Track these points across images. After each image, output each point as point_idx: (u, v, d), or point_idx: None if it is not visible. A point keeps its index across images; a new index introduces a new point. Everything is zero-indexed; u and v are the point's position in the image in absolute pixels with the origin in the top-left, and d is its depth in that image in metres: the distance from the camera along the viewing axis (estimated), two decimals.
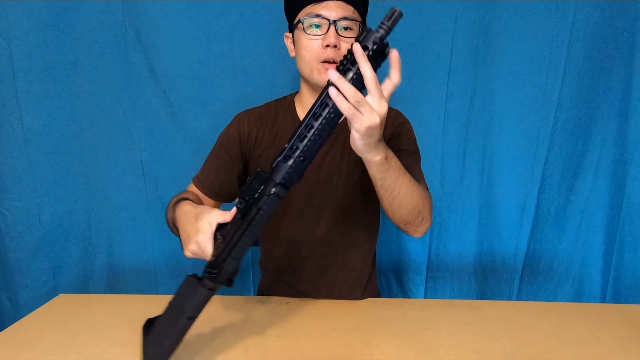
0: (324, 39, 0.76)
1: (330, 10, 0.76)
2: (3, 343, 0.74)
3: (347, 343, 0.71)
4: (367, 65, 0.52)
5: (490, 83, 1.17)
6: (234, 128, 0.90)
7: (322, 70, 0.78)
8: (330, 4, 0.76)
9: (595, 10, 1.08)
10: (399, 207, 0.71)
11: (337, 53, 0.76)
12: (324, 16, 0.76)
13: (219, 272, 0.62)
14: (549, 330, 0.74)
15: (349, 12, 0.77)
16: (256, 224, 0.58)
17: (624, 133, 1.16)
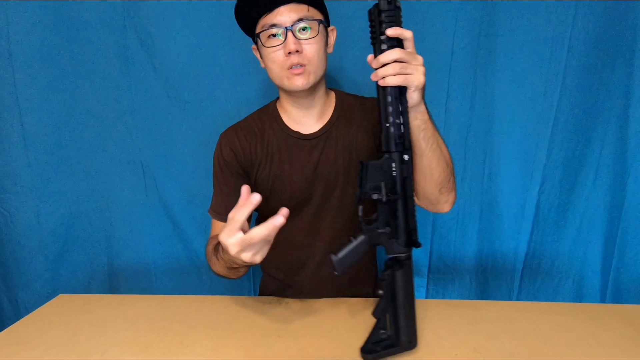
0: (284, 47, 0.75)
1: (283, 15, 0.75)
2: (3, 343, 0.74)
3: (347, 343, 0.71)
4: (406, 31, 0.59)
5: (490, 83, 1.17)
6: (226, 148, 0.88)
7: (290, 76, 0.78)
8: (281, 9, 0.75)
9: (596, 9, 1.08)
10: (437, 163, 0.72)
11: (301, 56, 0.76)
12: (278, 24, 0.75)
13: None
14: (549, 330, 0.74)
15: (303, 11, 0.76)
16: (410, 191, 0.63)
17: (625, 133, 1.15)
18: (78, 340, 0.74)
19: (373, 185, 0.60)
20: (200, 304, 0.87)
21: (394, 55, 0.58)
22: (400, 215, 0.63)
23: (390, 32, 0.58)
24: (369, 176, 0.60)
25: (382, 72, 0.59)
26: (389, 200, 0.61)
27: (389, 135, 0.61)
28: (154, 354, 0.70)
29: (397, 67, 0.58)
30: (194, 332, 0.76)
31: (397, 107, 0.60)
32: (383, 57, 0.59)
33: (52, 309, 0.87)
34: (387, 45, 0.59)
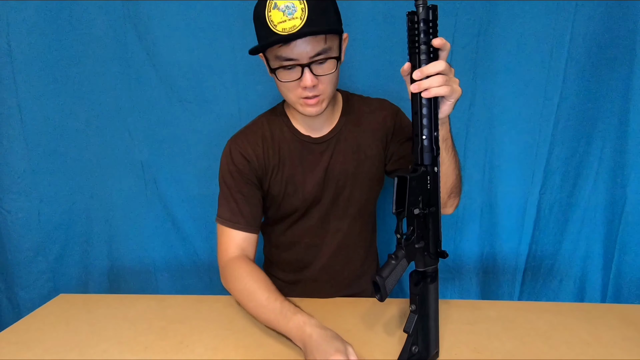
0: (301, 82, 0.72)
1: (300, 50, 0.69)
2: (3, 343, 0.74)
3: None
4: (448, 43, 0.59)
5: (490, 83, 1.17)
6: (237, 155, 0.84)
7: (304, 104, 0.75)
8: (298, 42, 0.68)
9: (596, 9, 1.08)
10: (452, 171, 0.72)
11: (317, 89, 0.73)
12: (295, 59, 0.70)
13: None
14: (549, 330, 0.74)
15: (321, 44, 0.70)
16: (439, 202, 0.64)
17: (625, 133, 1.15)
18: (78, 340, 0.74)
19: (412, 199, 0.58)
20: (200, 304, 0.87)
21: (441, 67, 0.57)
22: (431, 228, 0.63)
23: (438, 42, 0.57)
24: (411, 191, 0.58)
25: (427, 83, 0.57)
26: (424, 214, 0.61)
27: (423, 147, 0.59)
28: (154, 354, 0.70)
29: (443, 78, 0.57)
30: (194, 332, 0.76)
31: (432, 119, 0.59)
32: (429, 68, 0.57)
33: (52, 309, 0.87)
34: (427, 56, 0.58)
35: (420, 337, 0.63)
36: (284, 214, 0.89)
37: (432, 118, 0.59)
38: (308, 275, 0.93)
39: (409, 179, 0.56)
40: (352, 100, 0.90)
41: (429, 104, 0.58)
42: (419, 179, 0.59)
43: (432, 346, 0.65)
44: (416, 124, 0.59)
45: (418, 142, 0.59)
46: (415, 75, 0.57)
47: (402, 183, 0.56)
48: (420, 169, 0.59)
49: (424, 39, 0.58)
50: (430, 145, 0.59)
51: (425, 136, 0.59)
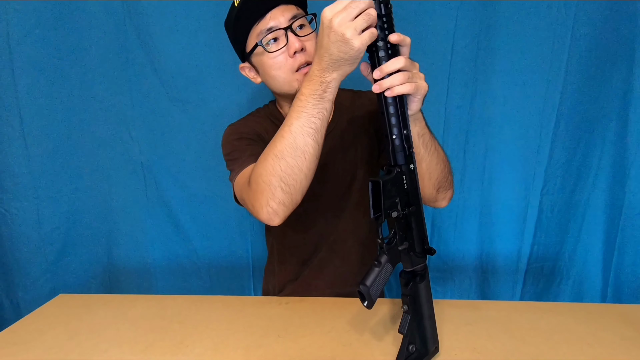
0: (289, 48, 0.73)
1: (277, 18, 0.73)
2: (3, 343, 0.74)
3: (347, 343, 0.71)
4: (406, 37, 0.56)
5: (491, 83, 1.17)
6: (240, 126, 0.85)
7: (301, 77, 0.75)
8: (273, 13, 0.73)
9: (596, 10, 1.08)
10: (436, 166, 0.69)
11: (306, 54, 0.74)
12: (275, 27, 0.73)
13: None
14: (549, 330, 0.74)
15: (293, 10, 0.74)
16: (420, 200, 0.60)
17: (626, 133, 1.15)
18: (78, 340, 0.74)
19: (389, 202, 0.56)
20: (200, 304, 0.87)
21: (400, 63, 0.54)
22: (414, 227, 0.60)
23: (395, 38, 0.54)
24: (385, 194, 0.55)
25: (388, 82, 0.54)
26: (405, 215, 0.59)
27: (394, 147, 0.57)
28: (154, 354, 0.70)
29: (404, 75, 0.54)
30: (194, 332, 0.76)
31: (400, 117, 0.56)
32: (388, 66, 0.54)
33: (52, 309, 0.87)
34: (386, 53, 0.55)
35: (417, 335, 0.63)
36: None
37: (400, 117, 0.56)
38: (308, 271, 0.93)
39: (383, 182, 0.54)
40: (342, 95, 0.89)
41: (394, 103, 0.56)
42: (394, 181, 0.56)
43: (430, 343, 0.64)
44: (384, 125, 0.57)
45: (389, 142, 0.57)
46: (375, 74, 0.55)
47: (377, 187, 0.54)
48: (395, 170, 0.57)
49: (380, 35, 0.54)
50: (402, 144, 0.57)
51: (396, 135, 0.56)
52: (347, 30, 0.52)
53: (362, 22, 0.52)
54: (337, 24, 0.52)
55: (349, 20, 0.52)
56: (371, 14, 0.52)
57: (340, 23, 0.52)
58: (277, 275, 0.98)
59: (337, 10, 0.53)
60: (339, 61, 0.56)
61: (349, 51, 0.54)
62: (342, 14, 0.52)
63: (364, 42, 0.53)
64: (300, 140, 0.62)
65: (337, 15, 0.52)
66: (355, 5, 0.52)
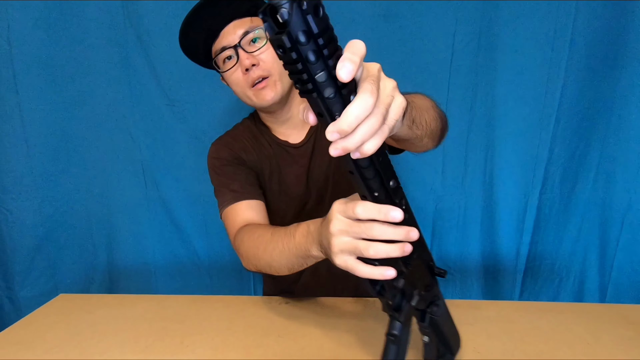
0: (240, 66, 0.73)
1: (229, 35, 0.73)
2: (3, 343, 0.74)
3: (347, 343, 0.71)
4: (357, 54, 0.31)
5: (491, 83, 1.17)
6: (221, 148, 0.84)
7: (256, 92, 0.75)
8: (225, 31, 0.73)
9: (596, 10, 1.08)
10: (431, 132, 0.60)
11: (260, 69, 0.73)
12: (226, 46, 0.73)
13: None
14: (549, 330, 0.74)
15: (246, 24, 0.73)
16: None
17: (625, 133, 1.15)
18: (78, 340, 0.74)
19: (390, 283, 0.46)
20: (200, 304, 0.87)
21: (365, 106, 0.32)
22: (418, 278, 0.50)
23: (345, 75, 0.30)
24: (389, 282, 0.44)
25: (353, 142, 0.33)
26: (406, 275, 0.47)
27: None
28: (154, 354, 0.70)
29: (376, 119, 0.33)
30: (194, 332, 0.76)
31: (381, 171, 0.39)
32: (348, 119, 0.31)
33: (52, 309, 0.87)
34: (336, 91, 0.32)
35: (445, 349, 0.58)
36: (275, 213, 0.89)
37: (381, 171, 0.38)
38: (303, 279, 0.93)
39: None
40: None
41: (369, 162, 0.37)
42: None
43: (455, 347, 0.61)
44: (359, 186, 0.40)
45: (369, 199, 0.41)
46: (331, 136, 0.33)
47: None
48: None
49: (318, 66, 0.30)
50: (390, 200, 0.41)
51: (378, 193, 0.40)
52: (338, 257, 0.45)
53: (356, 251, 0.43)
54: (337, 243, 0.45)
55: (350, 246, 0.43)
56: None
57: (341, 245, 0.44)
58: (276, 278, 0.98)
59: (346, 228, 0.44)
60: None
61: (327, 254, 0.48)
62: (349, 240, 0.44)
63: (342, 265, 0.45)
64: (285, 266, 0.62)
65: (343, 235, 0.44)
66: (367, 233, 0.42)
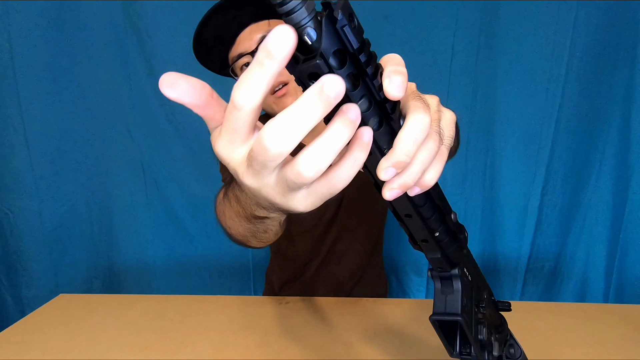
0: None
1: (245, 42, 0.69)
2: (4, 343, 0.74)
3: (347, 343, 0.71)
4: (401, 72, 0.25)
5: (491, 83, 1.17)
6: None
7: (277, 101, 0.72)
8: (242, 37, 0.70)
9: (597, 10, 1.08)
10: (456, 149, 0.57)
11: (281, 74, 0.70)
12: (243, 52, 0.70)
13: None
14: (549, 330, 0.74)
15: (264, 28, 0.69)
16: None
17: (627, 133, 1.15)
18: (78, 340, 0.74)
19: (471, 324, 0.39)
20: (200, 304, 0.87)
21: (421, 127, 0.25)
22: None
23: (397, 91, 0.24)
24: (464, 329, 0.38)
25: (413, 173, 0.25)
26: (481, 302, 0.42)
27: (443, 247, 0.36)
28: (154, 354, 0.70)
29: (432, 144, 0.26)
30: (194, 332, 0.76)
31: (441, 205, 0.33)
32: (406, 145, 0.24)
33: (53, 309, 0.87)
34: (384, 119, 0.25)
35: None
36: (293, 222, 0.88)
37: (440, 206, 0.33)
38: (307, 276, 0.93)
39: (460, 322, 0.37)
40: None
41: (425, 197, 0.32)
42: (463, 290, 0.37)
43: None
44: (417, 230, 0.33)
45: (433, 246, 0.34)
46: (385, 174, 0.24)
47: (453, 327, 0.38)
48: (453, 274, 0.37)
49: (359, 91, 0.23)
50: (452, 238, 0.35)
51: (439, 234, 0.34)
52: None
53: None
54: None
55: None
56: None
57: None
58: (277, 277, 0.98)
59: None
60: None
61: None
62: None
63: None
64: (242, 234, 0.50)
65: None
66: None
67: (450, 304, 0.37)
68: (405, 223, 0.33)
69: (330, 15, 0.21)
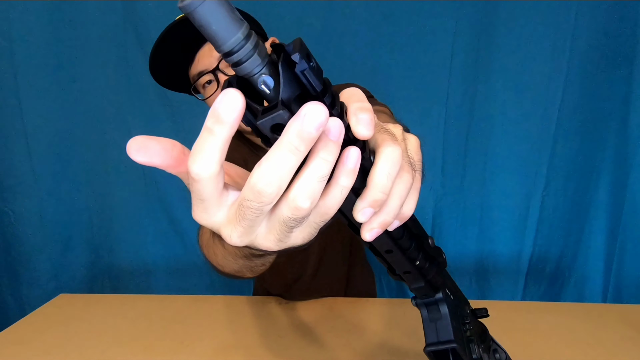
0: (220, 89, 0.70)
1: (205, 59, 0.67)
2: (4, 342, 0.74)
3: (347, 343, 0.71)
4: (366, 109, 0.23)
5: (491, 83, 1.17)
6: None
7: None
8: (201, 53, 0.67)
9: (597, 10, 1.08)
10: None
11: None
12: (204, 70, 0.67)
13: None
14: (549, 330, 0.74)
15: None
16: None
17: (626, 134, 1.15)
18: (78, 340, 0.74)
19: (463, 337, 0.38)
20: (200, 304, 0.87)
21: (393, 161, 0.23)
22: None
23: (366, 130, 0.22)
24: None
25: (391, 209, 0.25)
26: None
27: (424, 276, 0.35)
28: (154, 354, 0.70)
29: (407, 176, 0.25)
30: (194, 332, 0.76)
31: (417, 233, 0.32)
32: (380, 181, 0.23)
33: (53, 309, 0.87)
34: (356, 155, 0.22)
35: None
36: None
37: (419, 234, 0.32)
38: (299, 286, 0.92)
39: (452, 349, 0.35)
40: None
41: (402, 229, 0.30)
42: (453, 317, 0.37)
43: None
44: (397, 264, 0.32)
45: (416, 276, 0.34)
46: (363, 215, 0.24)
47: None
48: (440, 303, 0.36)
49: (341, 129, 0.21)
50: (431, 263, 0.35)
51: (420, 262, 0.33)
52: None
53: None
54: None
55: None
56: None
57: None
58: (270, 285, 0.96)
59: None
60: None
61: None
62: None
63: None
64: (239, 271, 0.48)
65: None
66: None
67: (441, 331, 0.36)
68: (386, 259, 0.31)
69: (287, 59, 0.19)
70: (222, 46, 0.18)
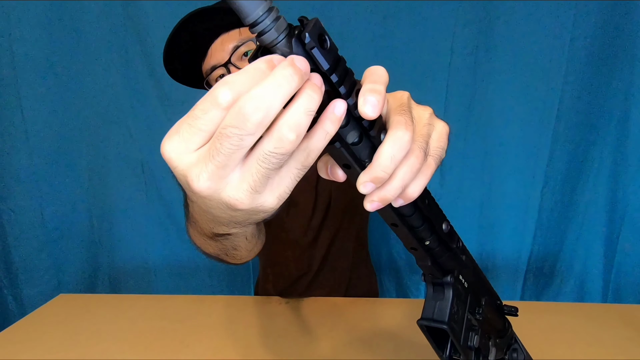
0: None
1: (217, 53, 0.67)
2: (4, 342, 0.74)
3: (346, 343, 0.71)
4: (379, 86, 0.24)
5: (490, 83, 1.17)
6: None
7: None
8: (213, 48, 0.67)
9: (596, 10, 1.08)
10: None
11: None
12: (216, 65, 0.68)
13: None
14: (549, 330, 0.74)
15: (235, 38, 0.66)
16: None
17: (626, 133, 1.15)
18: (78, 340, 0.74)
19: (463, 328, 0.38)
20: (200, 304, 0.87)
21: (399, 144, 0.24)
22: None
23: (371, 111, 0.23)
24: (456, 333, 0.37)
25: (393, 188, 0.25)
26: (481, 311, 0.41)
27: (434, 254, 0.36)
28: (154, 354, 0.70)
29: (417, 156, 0.26)
30: (194, 332, 0.76)
31: (432, 217, 0.34)
32: (383, 161, 0.24)
33: (53, 309, 0.87)
34: (362, 134, 0.25)
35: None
36: (280, 227, 0.87)
37: (430, 217, 0.33)
38: (301, 283, 0.92)
39: (450, 328, 0.36)
40: None
41: (413, 208, 0.32)
42: (456, 298, 0.37)
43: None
44: (406, 239, 0.34)
45: (422, 254, 0.36)
46: (364, 188, 0.25)
47: (443, 334, 0.37)
48: (445, 282, 0.37)
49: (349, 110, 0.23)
50: (444, 247, 0.36)
51: (430, 242, 0.35)
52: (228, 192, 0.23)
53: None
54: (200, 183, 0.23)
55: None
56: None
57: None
58: (274, 286, 0.97)
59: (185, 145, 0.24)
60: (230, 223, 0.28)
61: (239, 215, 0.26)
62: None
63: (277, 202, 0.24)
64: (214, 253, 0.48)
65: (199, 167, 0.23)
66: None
67: (439, 311, 0.37)
68: (396, 232, 0.34)
69: (299, 36, 0.21)
70: (247, 17, 0.20)
